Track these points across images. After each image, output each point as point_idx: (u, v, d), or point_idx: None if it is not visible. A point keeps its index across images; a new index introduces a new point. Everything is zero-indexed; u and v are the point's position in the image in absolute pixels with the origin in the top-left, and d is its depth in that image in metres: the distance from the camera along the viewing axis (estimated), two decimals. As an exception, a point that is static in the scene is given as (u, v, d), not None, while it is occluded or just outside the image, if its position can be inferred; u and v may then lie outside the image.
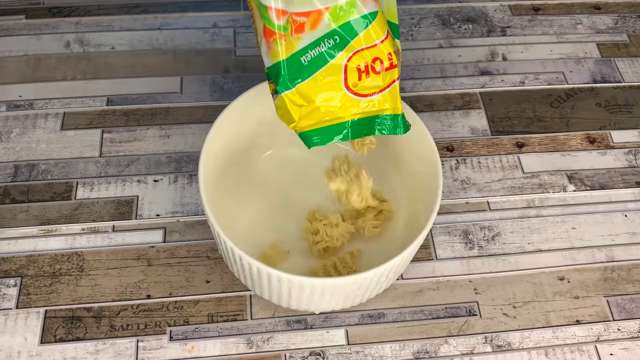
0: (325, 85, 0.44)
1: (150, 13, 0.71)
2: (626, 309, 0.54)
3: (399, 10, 0.72)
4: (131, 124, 0.62)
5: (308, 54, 0.44)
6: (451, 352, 0.51)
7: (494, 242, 0.57)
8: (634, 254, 0.57)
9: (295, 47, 0.43)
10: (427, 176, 0.52)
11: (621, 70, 0.68)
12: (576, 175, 0.61)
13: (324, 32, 0.43)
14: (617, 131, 0.64)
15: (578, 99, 0.66)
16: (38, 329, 0.51)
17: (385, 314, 0.53)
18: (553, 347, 0.52)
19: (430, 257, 0.56)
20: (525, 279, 0.55)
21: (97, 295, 0.53)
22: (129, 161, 0.60)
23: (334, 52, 0.44)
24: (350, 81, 0.45)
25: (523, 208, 0.59)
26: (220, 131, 0.52)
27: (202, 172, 0.49)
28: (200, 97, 0.64)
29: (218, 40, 0.69)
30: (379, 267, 0.46)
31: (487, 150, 0.62)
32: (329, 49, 0.44)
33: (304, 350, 0.51)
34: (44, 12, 0.70)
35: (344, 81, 0.45)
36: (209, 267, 0.54)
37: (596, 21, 0.72)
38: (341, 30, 0.43)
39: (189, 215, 0.57)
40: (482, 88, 0.66)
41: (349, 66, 0.44)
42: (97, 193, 0.58)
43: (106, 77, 0.65)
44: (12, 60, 0.66)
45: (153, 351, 0.50)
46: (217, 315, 0.52)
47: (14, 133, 0.61)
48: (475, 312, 0.53)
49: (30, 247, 0.55)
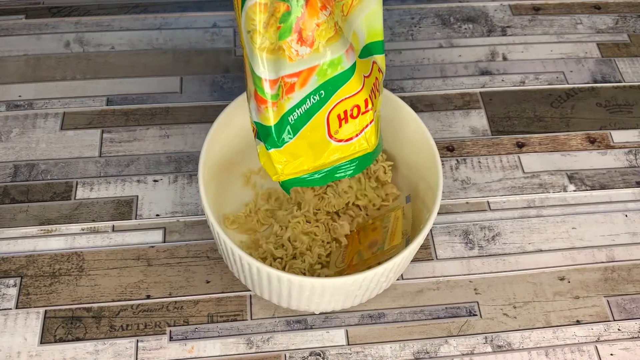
0: (310, 139, 0.45)
1: (150, 13, 0.70)
2: (626, 309, 0.54)
3: (399, 10, 0.72)
4: (131, 124, 0.62)
5: (295, 112, 0.44)
6: (451, 352, 0.51)
7: (494, 242, 0.57)
8: (634, 254, 0.57)
9: (285, 108, 0.44)
10: (428, 176, 0.52)
11: (621, 70, 0.68)
12: (576, 175, 0.61)
13: (312, 88, 0.44)
14: (618, 131, 0.64)
15: (578, 99, 0.66)
16: (38, 329, 0.51)
17: (385, 314, 0.53)
18: (553, 347, 0.52)
19: (430, 257, 0.56)
20: (525, 279, 0.55)
21: (97, 296, 0.53)
22: (129, 161, 0.60)
23: (318, 107, 0.44)
24: (332, 130, 0.45)
25: (523, 208, 0.59)
26: (220, 131, 0.52)
27: (202, 172, 0.49)
28: (200, 97, 0.64)
29: (218, 40, 0.69)
30: (379, 267, 0.46)
31: (487, 150, 0.62)
32: (314, 104, 0.44)
33: (304, 351, 0.51)
34: (43, 12, 0.70)
35: (327, 132, 0.45)
36: (209, 267, 0.54)
37: (596, 21, 0.72)
38: (328, 84, 0.44)
39: (188, 215, 0.57)
40: (482, 88, 0.66)
41: (331, 116, 0.45)
42: (96, 193, 0.58)
43: (106, 77, 0.65)
44: (12, 60, 0.66)
45: (153, 351, 0.50)
46: (217, 316, 0.52)
47: (14, 133, 0.61)
48: (475, 312, 0.53)
49: (30, 247, 0.55)
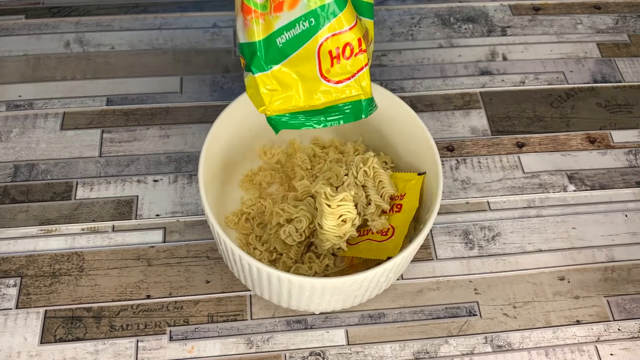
0: (301, 71, 0.44)
1: (150, 13, 0.71)
2: (626, 309, 0.54)
3: (399, 10, 0.72)
4: (131, 124, 0.62)
5: (284, 35, 0.43)
6: (451, 352, 0.51)
7: (494, 242, 0.57)
8: (634, 254, 0.57)
9: (273, 27, 0.43)
10: (427, 176, 0.52)
11: (621, 70, 0.68)
12: (576, 175, 0.61)
13: (301, 12, 0.43)
14: (617, 131, 0.64)
15: (578, 99, 0.66)
16: (38, 329, 0.51)
17: (385, 314, 0.53)
18: (553, 347, 0.52)
19: (430, 257, 0.56)
20: (525, 279, 0.55)
21: (97, 295, 0.53)
22: (129, 161, 0.60)
23: (308, 35, 0.43)
24: (324, 67, 0.44)
25: (523, 208, 0.59)
26: (220, 131, 0.52)
27: (202, 172, 0.49)
28: (200, 97, 0.64)
29: (218, 40, 0.69)
30: (379, 267, 0.46)
31: (487, 150, 0.62)
32: (303, 32, 0.43)
33: (304, 350, 0.51)
34: (43, 12, 0.70)
35: (318, 68, 0.44)
36: (209, 267, 0.54)
37: (596, 21, 0.72)
38: (318, 11, 0.43)
39: (188, 215, 0.57)
40: (482, 88, 0.66)
41: (322, 51, 0.44)
42: (97, 193, 0.58)
43: (106, 77, 0.65)
44: (12, 60, 0.66)
45: (153, 351, 0.50)
46: (217, 315, 0.52)
47: (14, 133, 0.61)
48: (475, 312, 0.53)
49: (30, 247, 0.55)
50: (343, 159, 0.55)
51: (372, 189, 0.51)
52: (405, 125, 0.54)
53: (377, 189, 0.52)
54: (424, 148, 0.52)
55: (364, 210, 0.51)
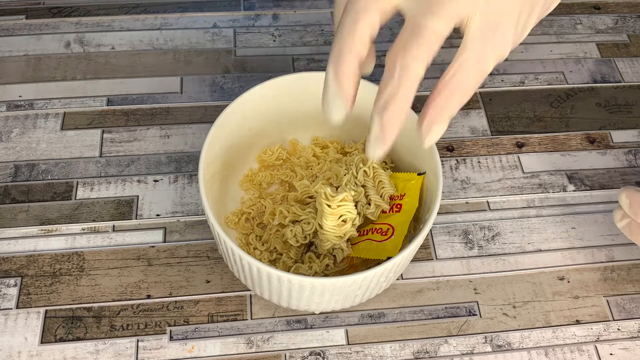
0: None
1: (150, 13, 0.71)
2: (626, 309, 0.54)
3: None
4: (131, 124, 0.62)
5: None
6: (451, 352, 0.51)
7: (494, 242, 0.57)
8: (634, 254, 0.57)
9: None
10: (427, 176, 0.52)
11: (621, 70, 0.68)
12: (576, 175, 0.61)
13: None
14: (617, 131, 0.64)
15: (578, 99, 0.66)
16: (38, 329, 0.51)
17: (385, 314, 0.53)
18: (553, 347, 0.52)
19: (430, 257, 0.56)
20: (525, 279, 0.55)
21: (97, 295, 0.53)
22: (129, 161, 0.60)
23: None
24: None
25: (523, 208, 0.59)
26: (220, 131, 0.52)
27: (202, 172, 0.49)
28: (200, 97, 0.64)
29: (218, 40, 0.69)
30: (379, 267, 0.46)
31: (487, 150, 0.62)
32: None
33: (304, 350, 0.51)
34: (44, 12, 0.70)
35: None
36: (209, 267, 0.54)
37: (596, 21, 0.72)
38: None
39: (189, 215, 0.57)
40: (482, 88, 0.66)
41: None
42: (97, 193, 0.58)
43: (106, 77, 0.65)
44: (12, 60, 0.66)
45: (153, 351, 0.50)
46: (217, 315, 0.52)
47: (14, 133, 0.61)
48: (475, 312, 0.53)
49: (31, 247, 0.55)
50: (343, 159, 0.55)
51: (372, 189, 0.51)
52: (405, 125, 0.54)
53: (377, 189, 0.52)
54: (423, 148, 0.52)
55: (364, 210, 0.51)
